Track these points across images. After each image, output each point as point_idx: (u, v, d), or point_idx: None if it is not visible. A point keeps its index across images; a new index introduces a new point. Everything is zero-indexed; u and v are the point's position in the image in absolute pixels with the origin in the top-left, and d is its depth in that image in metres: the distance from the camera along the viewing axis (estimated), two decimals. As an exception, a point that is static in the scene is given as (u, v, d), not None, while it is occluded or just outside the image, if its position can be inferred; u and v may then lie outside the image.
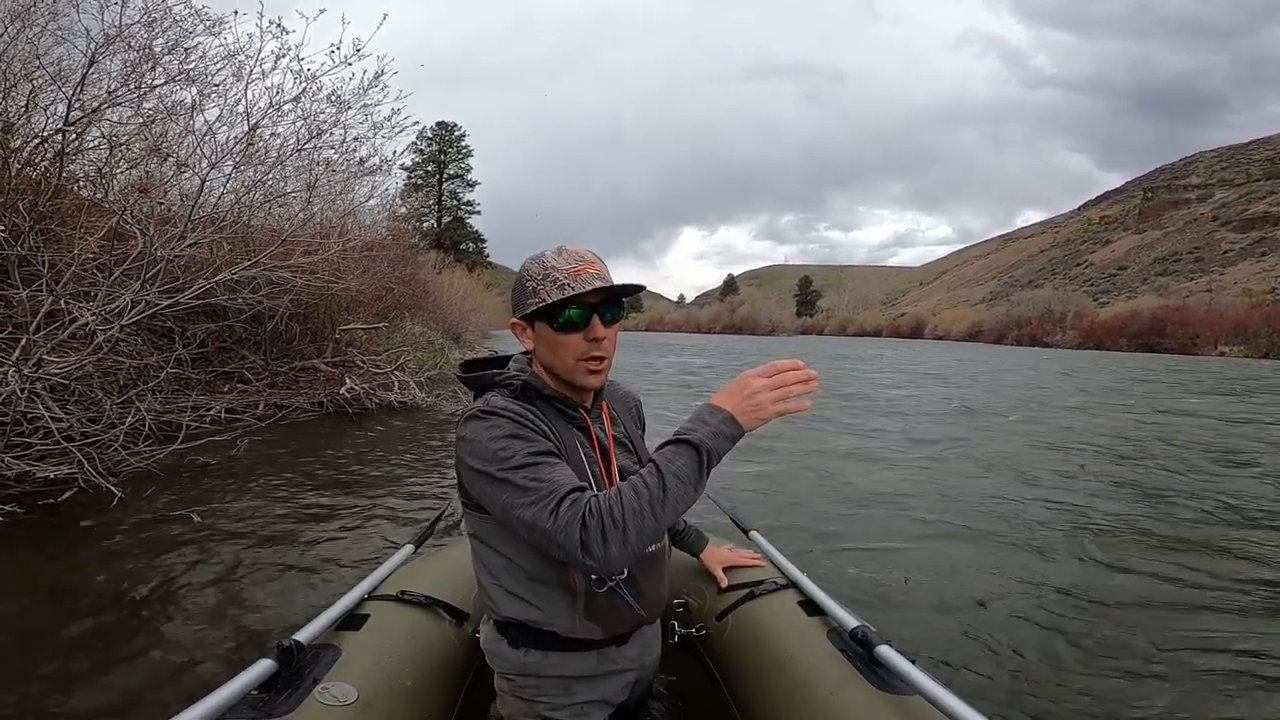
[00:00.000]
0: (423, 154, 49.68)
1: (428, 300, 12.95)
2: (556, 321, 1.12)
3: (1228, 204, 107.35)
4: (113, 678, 1.93)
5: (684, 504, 1.00)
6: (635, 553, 0.98)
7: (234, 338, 6.80)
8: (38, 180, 4.56)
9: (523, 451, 1.05)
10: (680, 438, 1.01)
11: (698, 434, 1.00)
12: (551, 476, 1.03)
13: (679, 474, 0.99)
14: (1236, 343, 51.65)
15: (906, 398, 11.34)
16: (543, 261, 1.13)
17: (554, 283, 1.11)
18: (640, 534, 0.97)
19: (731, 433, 1.01)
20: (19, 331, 3.75)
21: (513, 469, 1.03)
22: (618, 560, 0.98)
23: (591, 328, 1.12)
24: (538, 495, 1.00)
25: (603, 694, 1.24)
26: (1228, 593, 2.85)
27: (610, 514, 0.96)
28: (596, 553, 0.96)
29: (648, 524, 0.97)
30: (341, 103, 6.20)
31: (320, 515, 3.56)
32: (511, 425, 1.08)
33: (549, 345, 1.15)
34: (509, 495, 1.03)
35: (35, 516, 3.21)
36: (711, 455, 1.00)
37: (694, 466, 0.99)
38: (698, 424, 1.02)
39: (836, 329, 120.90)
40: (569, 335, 1.12)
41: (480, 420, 1.09)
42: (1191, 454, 6.15)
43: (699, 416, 1.03)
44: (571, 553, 0.98)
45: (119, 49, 4.82)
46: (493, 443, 1.06)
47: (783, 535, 3.22)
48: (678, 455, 1.00)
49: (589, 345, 1.13)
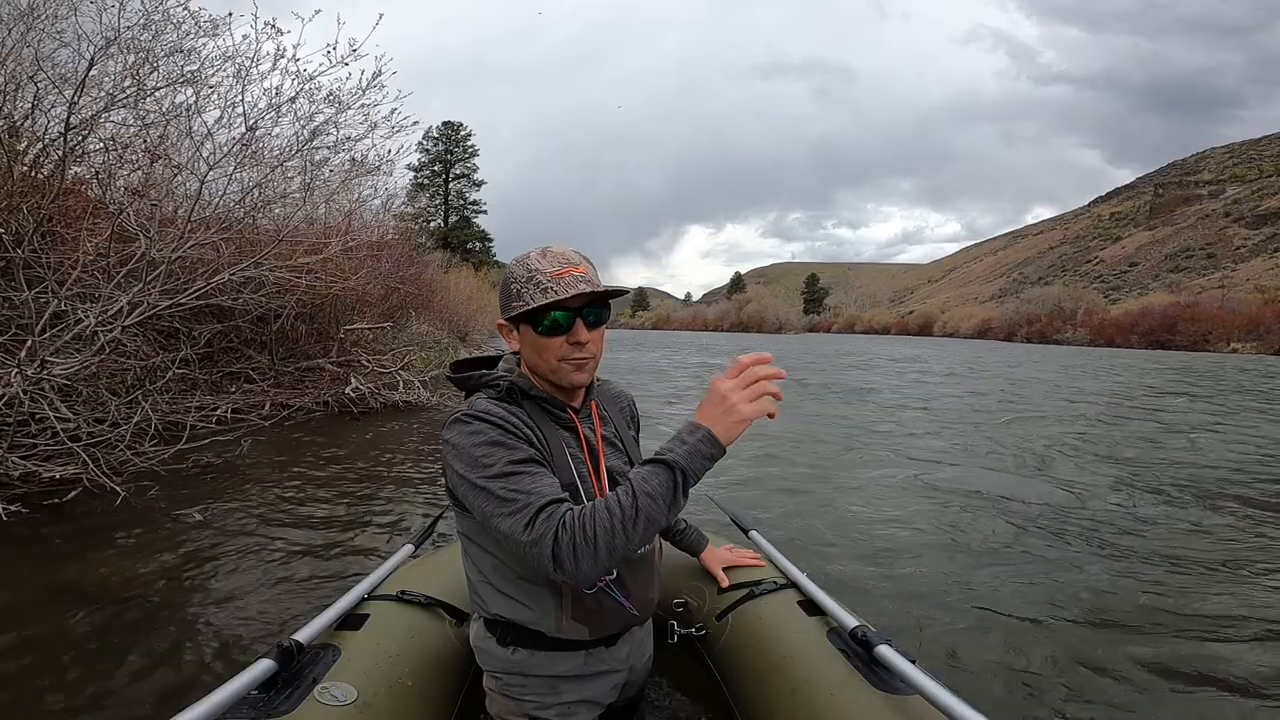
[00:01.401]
0: (429, 154, 49.95)
1: (434, 300, 12.97)
2: (540, 325, 1.12)
3: (1240, 200, 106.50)
4: (114, 677, 1.94)
5: (657, 523, 1.00)
6: (606, 568, 1.01)
7: (240, 338, 6.84)
8: (41, 183, 4.58)
9: (503, 460, 1.05)
10: (658, 457, 1.02)
11: (674, 454, 1.00)
12: (531, 488, 1.03)
13: (652, 494, 0.98)
14: (1249, 339, 51.18)
15: (906, 399, 11.28)
16: (527, 264, 1.13)
17: (537, 285, 1.10)
18: (611, 551, 0.98)
19: (710, 451, 1.00)
20: (23, 333, 3.78)
21: (492, 477, 1.04)
22: (588, 575, 1.00)
23: (575, 331, 1.12)
24: (515, 507, 1.02)
25: (590, 694, 1.24)
26: (1230, 594, 2.81)
27: (583, 531, 0.98)
28: (568, 567, 0.98)
29: (619, 542, 0.98)
30: (340, 103, 6.22)
31: (322, 515, 3.56)
32: (494, 431, 1.08)
33: (533, 347, 1.15)
34: (488, 504, 1.04)
35: (40, 516, 3.22)
36: (687, 475, 1.00)
37: (668, 487, 0.99)
38: (676, 443, 1.02)
39: (844, 326, 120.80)
40: (552, 338, 1.12)
41: (464, 425, 1.10)
42: (1213, 459, 6.04)
43: (679, 436, 1.03)
44: (544, 566, 0.99)
45: (117, 52, 4.84)
46: (475, 449, 1.07)
47: (783, 535, 3.21)
48: (653, 475, 1.00)
49: (571, 348, 1.13)
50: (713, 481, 4.33)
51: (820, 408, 9.32)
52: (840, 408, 9.39)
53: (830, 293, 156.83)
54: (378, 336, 8.54)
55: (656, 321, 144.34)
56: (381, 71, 6.21)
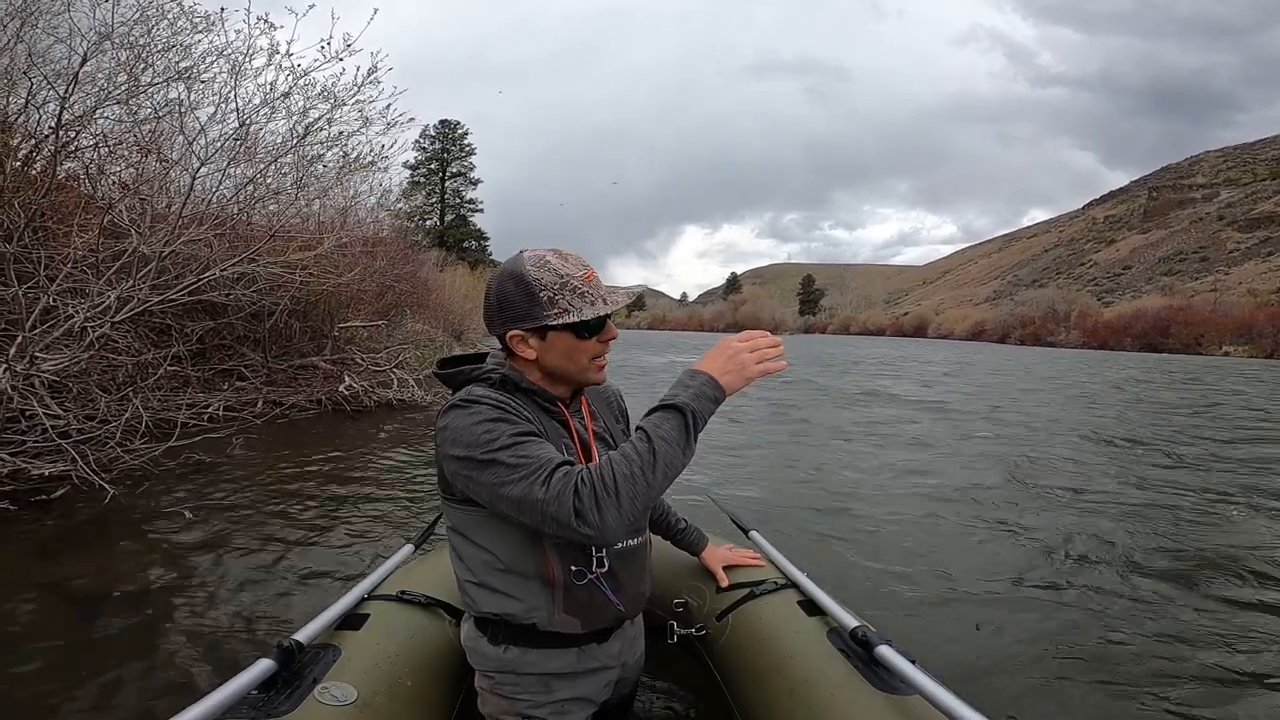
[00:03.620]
0: (425, 152, 49.85)
1: (430, 298, 12.97)
2: (583, 331, 1.14)
3: (1233, 203, 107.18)
4: (108, 678, 1.91)
5: (675, 467, 1.01)
6: (630, 519, 0.99)
7: (233, 335, 6.80)
8: (34, 178, 4.55)
9: (507, 433, 1.04)
10: (665, 403, 1.04)
11: (680, 398, 1.03)
12: (539, 453, 1.03)
13: (666, 438, 1.00)
14: (1241, 342, 51.58)
15: (907, 398, 11.31)
16: (551, 267, 1.12)
17: (574, 291, 1.12)
18: (634, 499, 0.98)
19: (714, 394, 1.04)
20: (13, 328, 3.74)
21: (499, 449, 1.03)
22: (613, 528, 0.98)
23: (607, 330, 1.17)
24: (527, 470, 1.01)
25: (583, 691, 1.23)
26: (1233, 597, 2.81)
27: (603, 480, 0.97)
28: (592, 519, 0.97)
29: (640, 489, 0.98)
30: (335, 99, 6.18)
31: (319, 514, 3.54)
32: (494, 410, 1.07)
33: (564, 352, 1.15)
34: (497, 475, 1.02)
35: (28, 514, 3.19)
36: (697, 417, 1.02)
37: (680, 429, 1.01)
38: (680, 389, 1.05)
39: (839, 328, 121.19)
40: (588, 341, 1.15)
41: (461, 409, 1.09)
42: (1220, 462, 6.04)
43: (681, 382, 1.06)
44: (565, 521, 0.97)
45: (110, 48, 4.81)
46: (476, 428, 1.05)
47: (783, 535, 3.20)
48: (664, 420, 1.02)
49: (601, 347, 1.17)
50: (713, 481, 4.34)
51: (820, 408, 9.33)
52: (840, 408, 9.42)
53: (826, 294, 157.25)
54: (372, 334, 8.52)
55: (652, 322, 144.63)
56: (377, 67, 6.18)
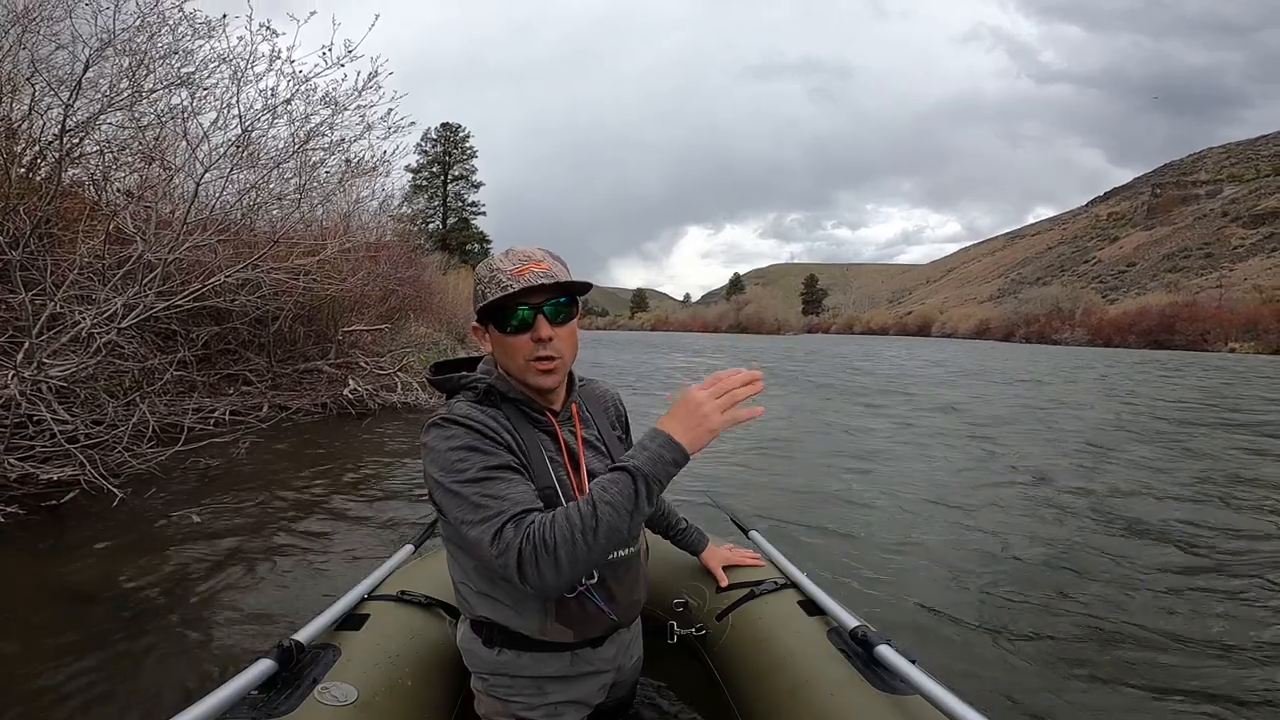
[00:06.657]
0: (427, 155, 49.88)
1: (433, 301, 12.99)
2: (506, 324, 1.12)
3: (1237, 200, 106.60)
4: (113, 678, 1.93)
5: (619, 532, 0.99)
6: (571, 579, 1.00)
7: (238, 340, 6.84)
8: (38, 185, 4.57)
9: (478, 465, 1.05)
10: (619, 464, 1.01)
11: (635, 460, 1.00)
12: (504, 493, 1.03)
13: (612, 502, 0.98)
14: (1247, 339, 51.26)
15: (906, 399, 11.28)
16: (490, 264, 1.14)
17: (497, 284, 1.11)
18: (573, 562, 0.98)
19: (673, 456, 0.99)
20: (20, 335, 3.77)
21: (465, 482, 1.04)
22: (553, 585, 1.00)
23: (537, 327, 1.11)
24: (485, 514, 1.02)
25: (577, 695, 1.24)
26: (1237, 597, 2.80)
27: (543, 541, 0.98)
28: (532, 579, 0.99)
29: (580, 552, 0.98)
30: (337, 105, 6.21)
31: (321, 515, 3.56)
32: (470, 436, 1.08)
33: (501, 348, 1.15)
34: (461, 510, 1.04)
35: (37, 518, 3.21)
36: (650, 480, 0.99)
37: (628, 494, 0.98)
38: (638, 450, 1.01)
39: (843, 327, 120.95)
40: (517, 337, 1.12)
41: (440, 429, 1.10)
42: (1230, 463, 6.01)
43: (640, 442, 1.02)
44: (510, 576, 1.00)
45: (113, 54, 4.83)
46: (451, 454, 1.06)
47: (783, 535, 3.21)
48: (614, 483, 0.99)
49: (536, 346, 1.12)
50: (713, 481, 4.34)
51: (820, 408, 9.32)
52: (840, 408, 9.40)
53: (829, 293, 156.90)
54: (376, 338, 8.54)
55: (655, 323, 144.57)
56: (378, 72, 6.21)
